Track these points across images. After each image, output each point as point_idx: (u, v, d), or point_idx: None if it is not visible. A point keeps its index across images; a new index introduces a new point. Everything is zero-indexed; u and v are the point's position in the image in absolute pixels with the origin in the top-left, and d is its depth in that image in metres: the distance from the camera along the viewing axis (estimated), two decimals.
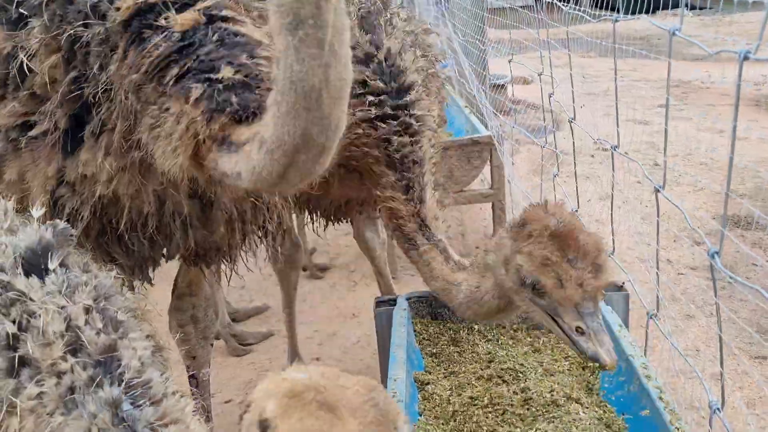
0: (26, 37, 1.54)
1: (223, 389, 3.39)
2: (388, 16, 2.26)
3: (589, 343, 1.61)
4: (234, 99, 1.35)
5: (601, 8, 3.44)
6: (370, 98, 2.08)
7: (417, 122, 2.12)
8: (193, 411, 1.05)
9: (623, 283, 2.19)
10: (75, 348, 1.01)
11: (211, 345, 2.35)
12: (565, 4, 2.65)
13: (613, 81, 2.34)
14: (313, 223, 2.84)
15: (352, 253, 4.93)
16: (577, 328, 1.63)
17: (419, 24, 2.59)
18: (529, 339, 2.14)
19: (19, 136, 1.59)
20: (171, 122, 1.42)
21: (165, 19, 1.45)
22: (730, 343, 3.17)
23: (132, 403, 0.97)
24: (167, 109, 1.42)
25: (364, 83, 2.09)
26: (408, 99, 2.11)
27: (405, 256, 2.15)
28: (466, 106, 4.94)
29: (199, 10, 1.47)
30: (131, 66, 1.46)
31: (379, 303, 2.23)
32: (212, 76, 1.39)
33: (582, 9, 2.58)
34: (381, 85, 2.09)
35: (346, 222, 2.95)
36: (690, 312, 3.44)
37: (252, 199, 1.76)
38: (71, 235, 1.23)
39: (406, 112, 2.10)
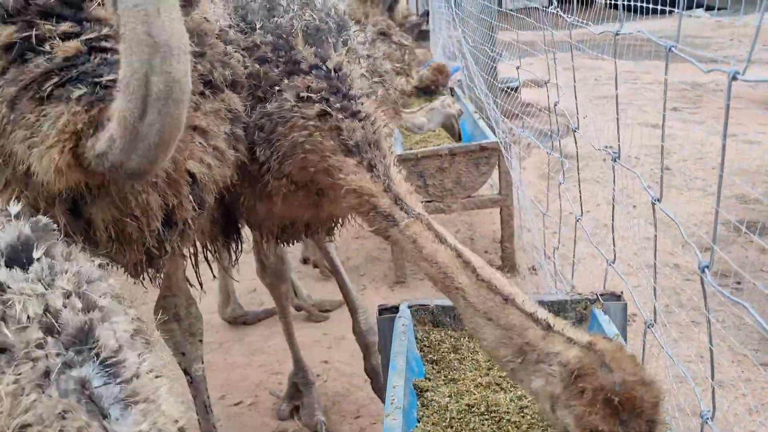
0: None
1: (233, 391, 3.47)
2: (343, 37, 2.26)
3: None
4: (115, 92, 1.48)
5: (614, 8, 3.45)
6: (316, 96, 2.05)
7: (365, 111, 2.07)
8: (170, 390, 1.09)
9: (621, 292, 2.23)
10: (51, 330, 1.06)
11: (200, 341, 2.45)
12: (569, 15, 2.68)
13: (626, 84, 2.37)
14: (262, 242, 2.79)
15: (362, 256, 5.00)
16: None
17: (380, 49, 2.62)
18: None
19: None
20: (48, 125, 1.51)
21: (50, 46, 1.56)
22: (735, 349, 3.19)
23: (103, 382, 1.02)
24: (45, 114, 1.53)
25: (308, 88, 2.07)
26: (354, 93, 2.08)
27: (385, 240, 1.99)
28: (475, 112, 4.98)
29: (82, 40, 1.59)
30: (9, 80, 1.55)
31: (381, 311, 2.28)
32: (95, 80, 1.53)
33: (587, 13, 2.61)
34: (325, 84, 2.07)
35: (298, 241, 2.90)
36: (696, 318, 3.45)
37: (134, 221, 1.75)
38: (54, 230, 1.31)
39: (353, 102, 2.06)
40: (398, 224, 1.88)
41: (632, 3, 2.38)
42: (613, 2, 2.43)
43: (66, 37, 1.59)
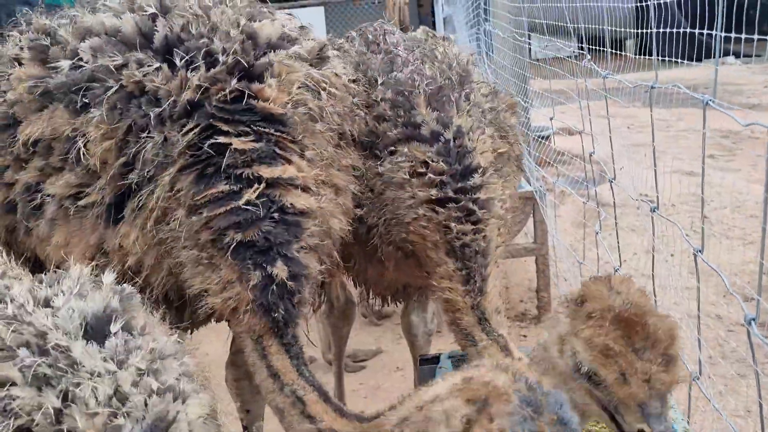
0: (86, 123, 1.70)
1: None
2: (466, 91, 2.10)
3: None
4: (281, 306, 1.62)
5: (645, 55, 3.48)
6: (431, 177, 1.93)
7: (481, 209, 1.94)
8: None
9: None
10: (123, 415, 1.02)
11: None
12: (604, 70, 2.73)
13: (659, 132, 2.36)
14: (368, 299, 2.72)
15: (399, 306, 4.99)
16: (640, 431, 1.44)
17: (504, 99, 2.41)
18: None
19: (70, 204, 1.74)
20: (218, 284, 1.65)
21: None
22: None
23: None
24: (217, 267, 1.65)
25: (425, 163, 1.95)
26: (472, 182, 1.94)
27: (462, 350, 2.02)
28: None
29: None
30: (186, 195, 1.65)
31: (422, 360, 2.30)
32: (267, 268, 1.61)
33: (618, 61, 2.66)
34: (443, 166, 1.93)
35: (408, 301, 2.74)
36: (740, 371, 3.37)
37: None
38: (136, 299, 1.27)
39: (468, 196, 1.93)
40: (476, 345, 1.92)
41: (666, 58, 2.43)
42: (647, 56, 2.46)
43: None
